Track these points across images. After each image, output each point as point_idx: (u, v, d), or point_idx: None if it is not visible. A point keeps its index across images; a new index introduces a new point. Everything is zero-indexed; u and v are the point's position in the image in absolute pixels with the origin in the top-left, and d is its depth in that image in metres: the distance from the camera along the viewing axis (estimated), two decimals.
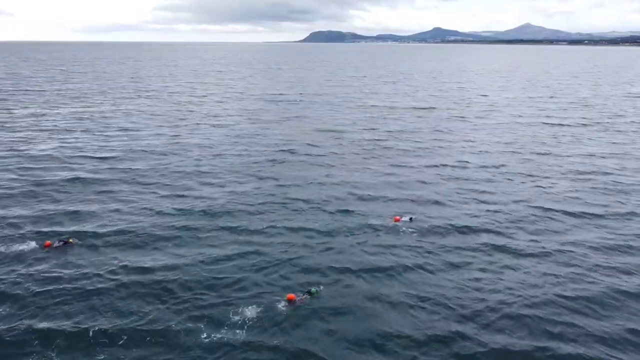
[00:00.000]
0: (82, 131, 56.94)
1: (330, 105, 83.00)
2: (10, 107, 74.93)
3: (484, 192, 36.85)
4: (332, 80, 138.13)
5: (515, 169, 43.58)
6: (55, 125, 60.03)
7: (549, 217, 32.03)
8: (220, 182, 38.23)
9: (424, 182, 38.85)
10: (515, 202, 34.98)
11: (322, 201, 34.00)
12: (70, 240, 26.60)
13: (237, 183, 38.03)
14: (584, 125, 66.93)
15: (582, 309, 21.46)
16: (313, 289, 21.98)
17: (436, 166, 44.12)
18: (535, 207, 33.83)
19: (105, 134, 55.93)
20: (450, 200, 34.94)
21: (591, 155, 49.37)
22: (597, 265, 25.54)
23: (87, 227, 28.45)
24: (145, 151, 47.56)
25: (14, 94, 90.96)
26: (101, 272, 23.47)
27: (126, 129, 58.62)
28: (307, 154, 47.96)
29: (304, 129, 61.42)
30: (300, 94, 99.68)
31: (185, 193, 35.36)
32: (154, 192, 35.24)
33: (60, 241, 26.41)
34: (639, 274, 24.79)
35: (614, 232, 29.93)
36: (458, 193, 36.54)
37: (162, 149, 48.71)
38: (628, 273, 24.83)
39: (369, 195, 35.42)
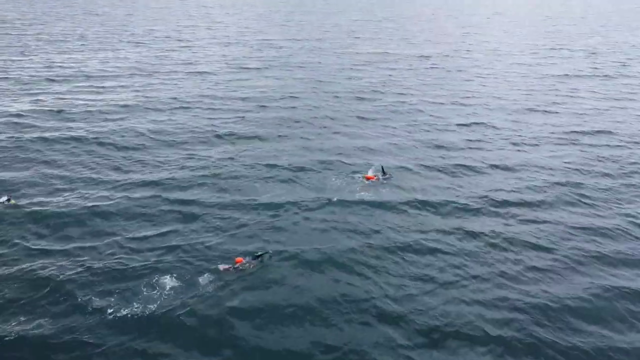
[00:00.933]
0: (46, 80, 53.46)
1: (320, 51, 78.44)
2: None
3: (459, 156, 33.71)
4: (330, 23, 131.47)
5: (500, 128, 40.14)
6: (20, 74, 56.48)
7: (527, 187, 29.03)
8: (175, 142, 35.20)
9: (395, 145, 35.58)
10: (493, 167, 31.99)
11: (277, 166, 31.07)
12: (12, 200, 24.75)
13: (192, 144, 35.02)
14: (588, 76, 62.41)
15: (547, 311, 18.57)
16: (259, 252, 20.67)
17: (414, 124, 40.72)
18: (513, 175, 30.82)
19: (71, 84, 52.48)
20: (420, 165, 31.94)
21: (586, 112, 45.52)
22: (572, 249, 22.73)
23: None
24: (105, 105, 44.26)
25: None
26: (4, 252, 21.03)
27: (93, 79, 55.02)
28: (278, 107, 44.64)
29: (284, 78, 57.64)
30: (292, 39, 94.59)
31: (133, 155, 32.49)
32: (97, 156, 32.29)
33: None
34: (620, 263, 21.97)
35: (599, 207, 26.98)
36: (431, 157, 33.45)
37: (125, 102, 45.40)
38: (606, 261, 22.05)
39: (331, 159, 32.33)
